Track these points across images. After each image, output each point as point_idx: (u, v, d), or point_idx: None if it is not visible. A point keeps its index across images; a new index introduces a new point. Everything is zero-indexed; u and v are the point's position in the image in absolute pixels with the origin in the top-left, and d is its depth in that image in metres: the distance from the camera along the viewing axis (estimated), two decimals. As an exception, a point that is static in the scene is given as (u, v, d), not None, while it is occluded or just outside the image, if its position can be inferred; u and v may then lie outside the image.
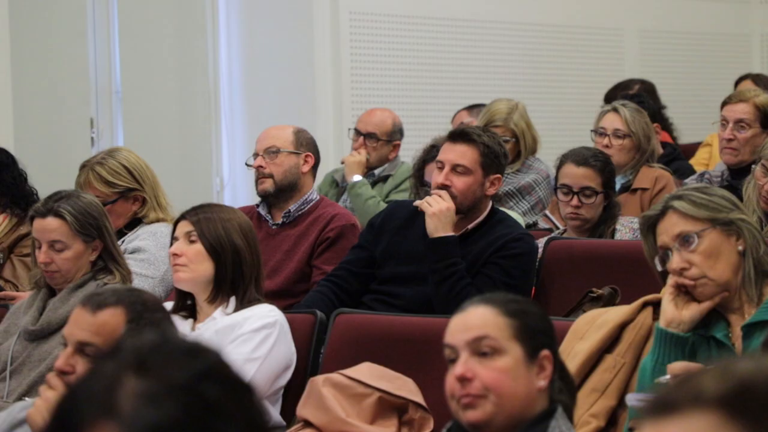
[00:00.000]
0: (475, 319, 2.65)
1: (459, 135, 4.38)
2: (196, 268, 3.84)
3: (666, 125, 7.07)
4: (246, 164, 5.09)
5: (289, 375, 3.90)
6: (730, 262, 3.22)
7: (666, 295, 3.28)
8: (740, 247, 3.23)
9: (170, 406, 1.35)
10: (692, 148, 7.29)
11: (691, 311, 3.23)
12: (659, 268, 3.28)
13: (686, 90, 9.22)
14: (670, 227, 3.24)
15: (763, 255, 3.24)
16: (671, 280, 3.25)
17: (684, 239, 3.21)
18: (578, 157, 4.88)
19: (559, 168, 4.92)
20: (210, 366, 1.41)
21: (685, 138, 7.65)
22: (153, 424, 1.35)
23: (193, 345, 1.45)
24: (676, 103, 8.05)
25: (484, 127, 4.58)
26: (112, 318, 2.83)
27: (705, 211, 3.22)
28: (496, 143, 4.37)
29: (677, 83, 9.12)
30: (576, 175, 4.82)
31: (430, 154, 5.52)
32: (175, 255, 3.85)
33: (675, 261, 3.22)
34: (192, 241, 3.86)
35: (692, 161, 6.83)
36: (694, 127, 8.24)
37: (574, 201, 4.80)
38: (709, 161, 6.79)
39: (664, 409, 1.30)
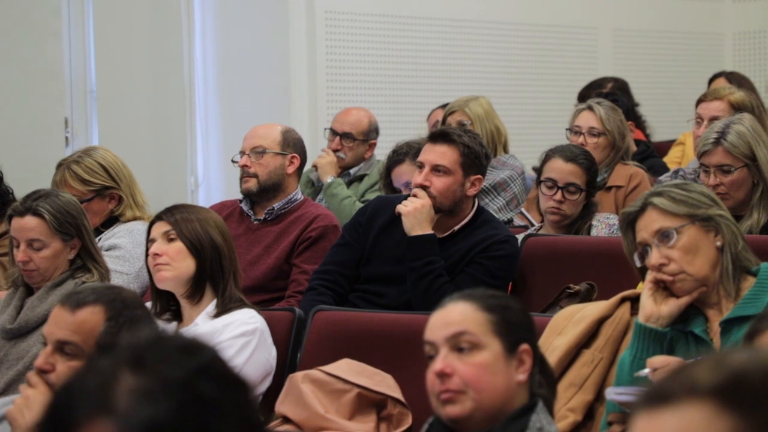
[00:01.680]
0: (455, 315, 2.66)
1: (439, 135, 4.39)
2: (179, 266, 3.83)
3: (639, 123, 7.10)
4: (232, 161, 5.09)
5: (268, 382, 3.90)
6: (708, 258, 3.25)
7: (645, 290, 3.30)
8: (718, 243, 3.26)
9: (166, 403, 1.36)
10: (665, 146, 7.32)
11: (670, 306, 3.25)
12: (638, 264, 3.30)
13: (659, 88, 9.26)
14: (649, 223, 3.26)
15: (741, 250, 3.26)
16: (650, 275, 3.28)
17: (663, 235, 3.24)
18: (567, 153, 4.91)
19: (544, 162, 4.95)
20: (206, 363, 1.41)
21: (658, 136, 7.69)
22: (149, 421, 1.35)
23: (190, 342, 1.45)
24: (650, 101, 8.09)
25: (465, 129, 4.58)
26: (92, 316, 2.83)
27: (684, 207, 3.25)
28: (477, 144, 4.37)
29: (651, 81, 9.16)
30: (563, 170, 4.86)
31: (394, 159, 5.56)
32: (156, 255, 3.84)
33: (654, 257, 3.24)
34: (171, 240, 3.86)
35: (665, 159, 6.85)
36: (667, 125, 8.27)
37: (558, 195, 4.83)
38: (682, 159, 6.81)
39: (659, 400, 1.31)
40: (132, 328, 2.77)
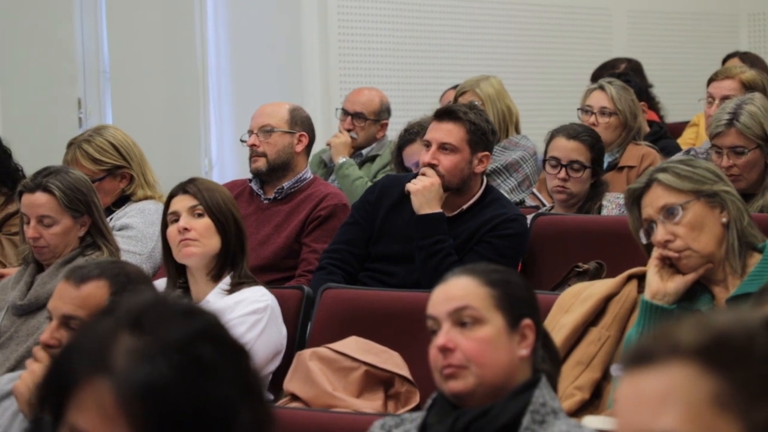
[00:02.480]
0: (457, 290, 2.66)
1: (445, 113, 4.39)
2: (207, 242, 3.82)
3: (653, 104, 7.08)
4: (240, 140, 5.09)
5: (278, 361, 3.90)
6: (714, 234, 3.24)
7: (651, 267, 3.30)
8: (724, 219, 3.25)
9: (163, 364, 1.36)
10: (679, 128, 7.30)
11: (676, 283, 3.25)
12: (644, 240, 3.30)
13: (674, 69, 9.22)
14: (654, 200, 3.26)
15: (747, 227, 3.26)
16: (656, 252, 3.27)
17: (668, 211, 3.23)
18: (569, 130, 4.91)
19: (549, 142, 4.94)
20: (206, 327, 1.42)
21: (672, 117, 7.66)
22: (145, 382, 1.35)
23: (190, 306, 1.45)
24: (664, 83, 8.06)
25: (471, 105, 4.58)
26: (96, 290, 2.84)
27: (689, 183, 3.24)
28: (483, 120, 4.37)
29: (665, 63, 9.12)
30: (566, 148, 4.85)
31: (405, 139, 5.56)
32: (185, 230, 3.82)
33: (659, 233, 3.23)
34: (199, 215, 3.84)
35: (679, 140, 6.83)
36: (681, 106, 8.24)
37: (562, 174, 4.82)
38: (696, 140, 6.79)
39: (642, 361, 1.32)
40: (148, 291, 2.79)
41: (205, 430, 1.35)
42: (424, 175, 4.33)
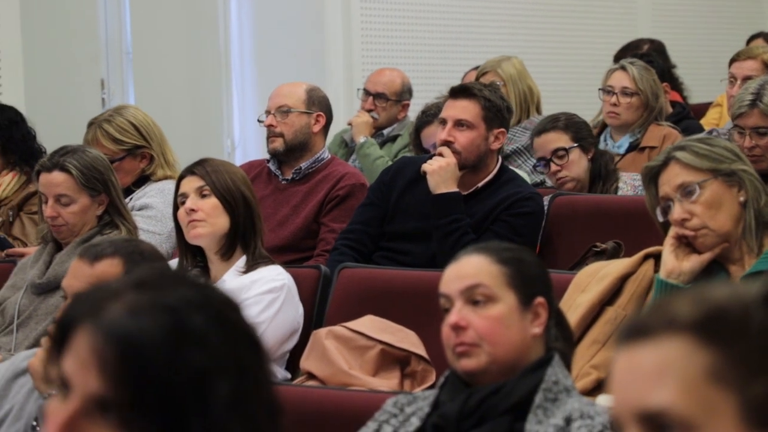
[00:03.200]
0: (469, 268, 2.65)
1: (460, 91, 4.39)
2: (215, 222, 3.83)
3: (676, 85, 7.04)
4: (258, 120, 5.10)
5: (295, 339, 3.91)
6: (731, 213, 3.23)
7: (667, 246, 3.29)
8: (741, 198, 3.24)
9: (149, 321, 1.37)
10: (703, 108, 7.26)
11: (692, 262, 3.23)
12: (661, 219, 3.28)
13: (699, 50, 9.17)
14: (672, 177, 3.24)
15: (764, 206, 3.24)
16: (672, 231, 3.26)
17: (685, 190, 3.22)
18: (537, 127, 5.00)
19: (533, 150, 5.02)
20: (207, 300, 1.42)
21: (697, 98, 7.62)
22: (126, 334, 1.37)
23: (196, 278, 1.47)
24: (689, 63, 8.02)
25: (486, 82, 4.58)
26: (110, 268, 2.85)
27: (707, 161, 3.22)
28: (497, 97, 4.37)
29: (690, 43, 9.08)
30: (541, 144, 4.92)
31: (423, 120, 5.55)
32: (191, 210, 3.84)
33: (676, 211, 3.22)
34: (204, 196, 3.85)
35: (703, 121, 6.80)
36: (706, 87, 8.20)
37: (553, 167, 4.87)
38: (720, 121, 6.76)
39: (638, 334, 1.31)
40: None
41: (175, 394, 1.36)
42: (440, 155, 4.33)
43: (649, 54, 6.87)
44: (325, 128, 4.97)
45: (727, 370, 1.26)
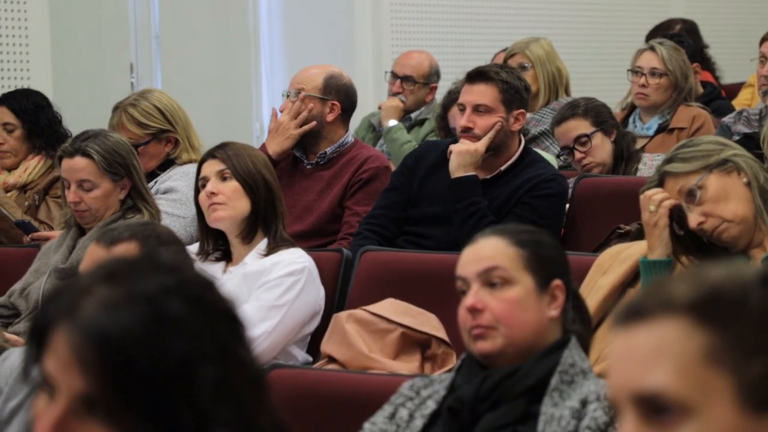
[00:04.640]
0: (486, 250, 2.64)
1: (476, 75, 4.36)
2: (235, 205, 3.83)
3: (708, 65, 6.98)
4: (282, 94, 5.09)
5: (317, 322, 3.91)
6: (740, 197, 3.21)
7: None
8: (745, 179, 3.22)
9: (126, 314, 1.36)
10: (737, 88, 7.20)
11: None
12: (679, 232, 3.27)
13: (733, 29, 9.09)
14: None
15: (764, 183, 3.22)
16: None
17: (688, 195, 3.22)
18: (556, 116, 5.00)
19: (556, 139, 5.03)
20: (183, 283, 1.40)
21: (731, 78, 7.56)
22: (105, 330, 1.35)
23: (171, 263, 1.44)
24: (723, 43, 7.95)
25: (502, 64, 4.55)
26: (127, 253, 2.85)
27: (696, 162, 3.23)
28: (515, 78, 4.34)
29: (723, 23, 9.00)
30: (562, 132, 4.91)
31: (449, 100, 5.52)
32: (212, 194, 3.84)
33: (692, 219, 3.21)
34: (225, 179, 3.85)
35: (735, 102, 6.74)
36: (740, 67, 8.12)
37: (577, 155, 4.86)
38: (752, 101, 6.70)
39: (635, 316, 1.31)
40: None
41: (160, 383, 1.35)
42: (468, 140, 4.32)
43: (680, 34, 6.81)
44: (343, 117, 4.88)
45: (723, 352, 1.25)
